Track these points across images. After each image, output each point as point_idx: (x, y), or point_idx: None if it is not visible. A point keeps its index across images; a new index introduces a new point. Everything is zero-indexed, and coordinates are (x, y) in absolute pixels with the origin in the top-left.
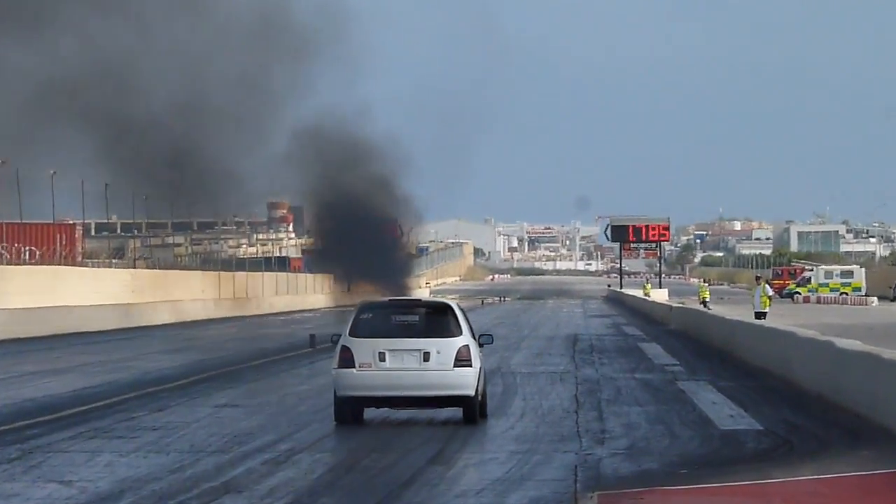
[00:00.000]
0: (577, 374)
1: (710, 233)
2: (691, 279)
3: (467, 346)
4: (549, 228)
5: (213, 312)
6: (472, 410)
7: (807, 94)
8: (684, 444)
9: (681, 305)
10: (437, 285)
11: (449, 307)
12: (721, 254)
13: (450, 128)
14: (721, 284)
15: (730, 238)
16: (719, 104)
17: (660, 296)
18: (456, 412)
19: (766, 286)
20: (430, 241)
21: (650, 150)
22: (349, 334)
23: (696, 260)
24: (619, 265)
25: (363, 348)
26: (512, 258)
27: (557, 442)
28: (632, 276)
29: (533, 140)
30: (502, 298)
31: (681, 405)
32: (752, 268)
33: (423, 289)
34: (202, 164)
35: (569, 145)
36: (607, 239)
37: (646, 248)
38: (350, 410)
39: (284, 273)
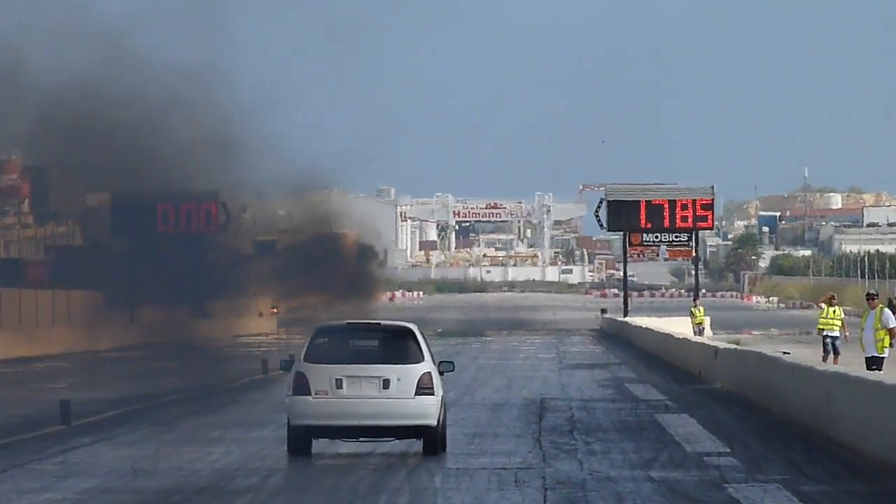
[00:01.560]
0: (546, 473)
1: (787, 213)
2: (754, 297)
3: (429, 373)
4: (495, 206)
5: None
6: (434, 441)
7: None
8: None
9: (733, 347)
10: (293, 308)
11: (410, 331)
12: (807, 252)
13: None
14: (807, 306)
15: (822, 222)
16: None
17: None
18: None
19: (887, 312)
20: (281, 232)
21: (674, 81)
22: (304, 359)
23: (763, 260)
24: (621, 272)
25: (319, 375)
26: (428, 260)
27: None
28: (644, 292)
29: (465, 55)
30: None
31: None
32: (864, 277)
33: (261, 317)
34: None
35: (531, 66)
36: (601, 226)
37: (671, 243)
38: (304, 441)
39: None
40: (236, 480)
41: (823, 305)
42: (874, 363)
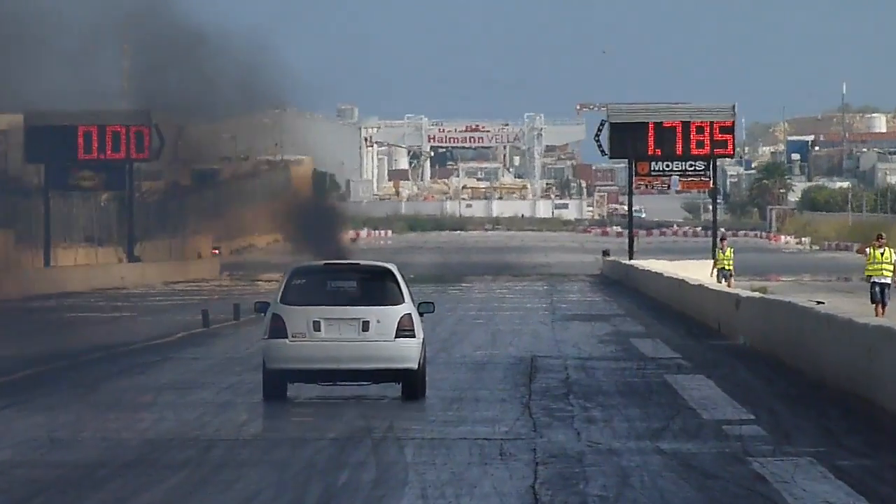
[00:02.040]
0: (537, 444)
1: (821, 138)
2: (782, 237)
3: (409, 314)
4: (476, 129)
5: None
6: (414, 385)
7: None
8: None
9: (757, 295)
10: (238, 249)
11: (389, 271)
12: (845, 183)
13: None
14: (845, 248)
15: (863, 148)
16: None
17: (710, 271)
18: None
19: None
20: (224, 160)
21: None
22: (280, 301)
23: (793, 194)
24: (626, 207)
25: (296, 317)
26: (398, 192)
27: None
28: (653, 231)
29: None
30: None
31: None
32: None
33: (201, 260)
34: None
35: None
36: (602, 152)
37: (685, 172)
38: (280, 385)
39: None
40: (171, 453)
41: (870, 250)
42: None
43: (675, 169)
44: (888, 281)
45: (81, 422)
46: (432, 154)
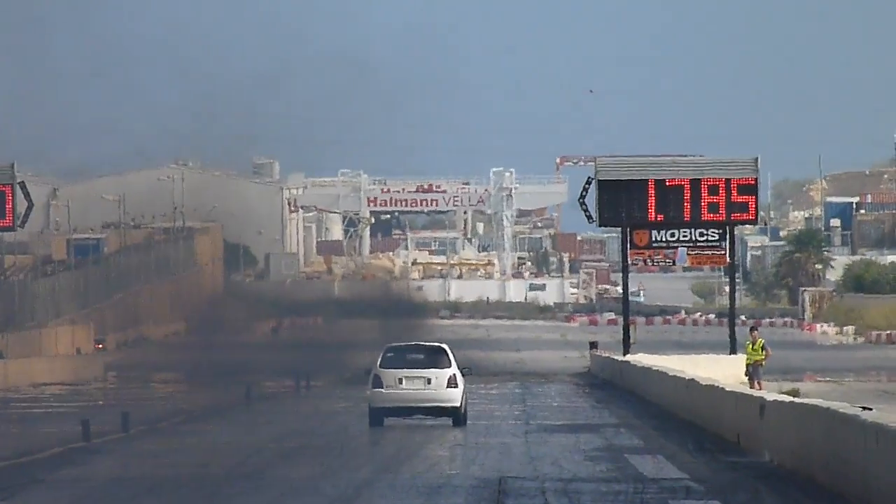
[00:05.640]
0: None
1: (868, 199)
2: (818, 326)
3: (455, 374)
4: (430, 190)
5: None
6: (458, 417)
7: None
8: None
9: (787, 399)
10: (128, 342)
11: (443, 348)
12: None
13: None
14: None
15: None
16: None
17: (729, 370)
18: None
19: None
20: (108, 228)
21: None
22: (379, 366)
23: (832, 271)
24: (621, 288)
25: (388, 376)
26: (330, 269)
27: None
28: (655, 318)
29: None
30: (305, 384)
31: None
32: None
33: (81, 354)
34: None
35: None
36: (588, 219)
37: (695, 244)
38: (379, 417)
39: None
40: None
41: None
42: None
43: (681, 239)
44: None
45: None
46: (373, 221)
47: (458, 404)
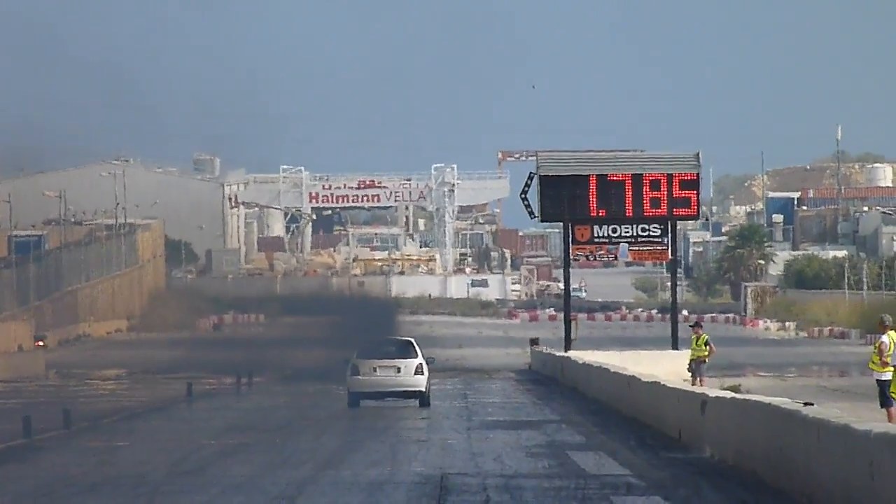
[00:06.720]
0: None
1: (809, 194)
2: (761, 322)
3: (421, 363)
4: (371, 185)
5: None
6: (424, 399)
7: None
8: None
9: (728, 395)
10: (69, 340)
11: (411, 342)
12: (841, 251)
13: None
14: (841, 335)
15: (863, 207)
16: None
17: (671, 366)
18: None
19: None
20: (50, 224)
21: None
22: (357, 357)
23: (774, 265)
24: (563, 284)
25: (364, 365)
26: (272, 266)
27: None
28: (596, 314)
29: None
30: (245, 381)
31: None
32: None
33: (22, 352)
34: None
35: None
36: (530, 214)
37: (636, 240)
38: (356, 400)
39: None
40: None
41: (887, 339)
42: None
43: (623, 234)
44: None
45: None
46: (314, 217)
47: (423, 388)
